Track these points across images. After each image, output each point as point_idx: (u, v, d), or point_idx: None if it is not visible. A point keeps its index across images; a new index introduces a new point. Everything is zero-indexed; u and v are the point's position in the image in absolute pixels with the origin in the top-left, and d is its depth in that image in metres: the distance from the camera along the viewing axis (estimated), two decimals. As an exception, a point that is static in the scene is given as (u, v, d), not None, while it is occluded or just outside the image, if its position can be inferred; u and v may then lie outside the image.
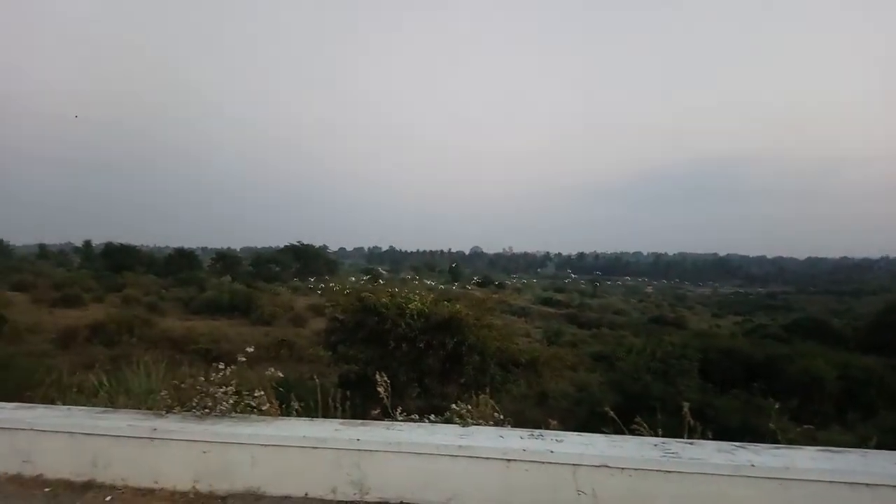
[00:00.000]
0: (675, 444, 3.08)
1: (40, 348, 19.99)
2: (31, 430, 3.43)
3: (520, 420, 3.87)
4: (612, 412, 3.75)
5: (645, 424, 3.64)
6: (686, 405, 3.71)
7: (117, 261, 54.14)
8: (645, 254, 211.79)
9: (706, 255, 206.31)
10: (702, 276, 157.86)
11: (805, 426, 4.80)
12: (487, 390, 4.95)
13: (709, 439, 3.35)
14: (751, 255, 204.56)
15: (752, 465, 2.74)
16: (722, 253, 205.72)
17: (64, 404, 4.37)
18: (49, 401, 4.59)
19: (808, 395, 15.76)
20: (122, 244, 59.78)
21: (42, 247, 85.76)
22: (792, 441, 3.54)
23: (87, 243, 72.61)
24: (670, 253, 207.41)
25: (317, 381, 4.49)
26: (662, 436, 3.40)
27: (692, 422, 3.61)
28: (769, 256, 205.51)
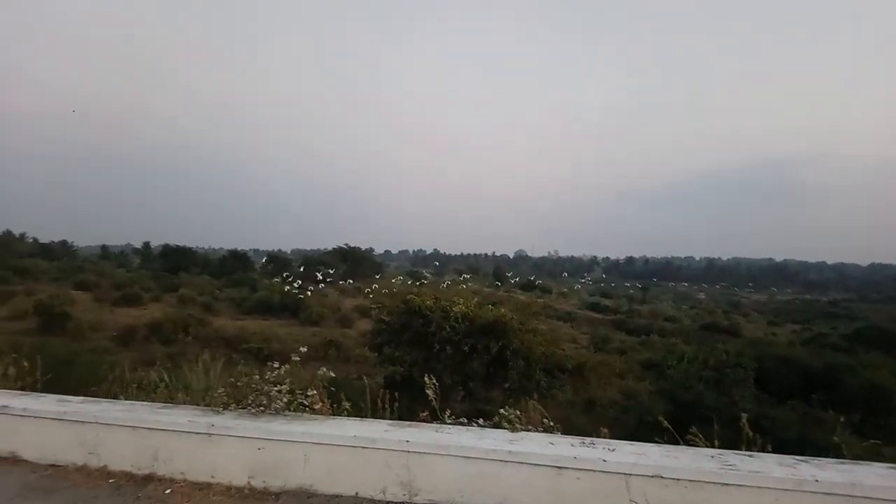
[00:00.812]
0: (732, 456, 2.97)
1: (102, 345, 20.96)
2: (97, 423, 3.60)
3: (566, 427, 3.82)
4: (665, 421, 3.63)
5: (700, 435, 3.53)
6: (744, 416, 3.58)
7: (174, 262, 56.29)
8: (697, 258, 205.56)
9: (762, 259, 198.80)
10: (757, 281, 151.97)
11: (870, 441, 4.55)
12: (535, 396, 4.89)
13: (768, 452, 3.22)
14: (810, 261, 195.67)
15: (817, 481, 2.62)
16: (779, 258, 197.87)
17: (126, 399, 4.57)
18: (112, 396, 4.81)
19: (871, 409, 14.96)
20: (178, 246, 62.16)
21: (104, 248, 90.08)
22: (857, 457, 3.36)
23: (146, 245, 75.81)
24: (724, 258, 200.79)
25: (365, 381, 4.55)
26: (719, 447, 3.30)
27: (750, 434, 3.48)
28: (829, 262, 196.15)
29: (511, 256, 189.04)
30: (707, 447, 3.32)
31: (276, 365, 3.70)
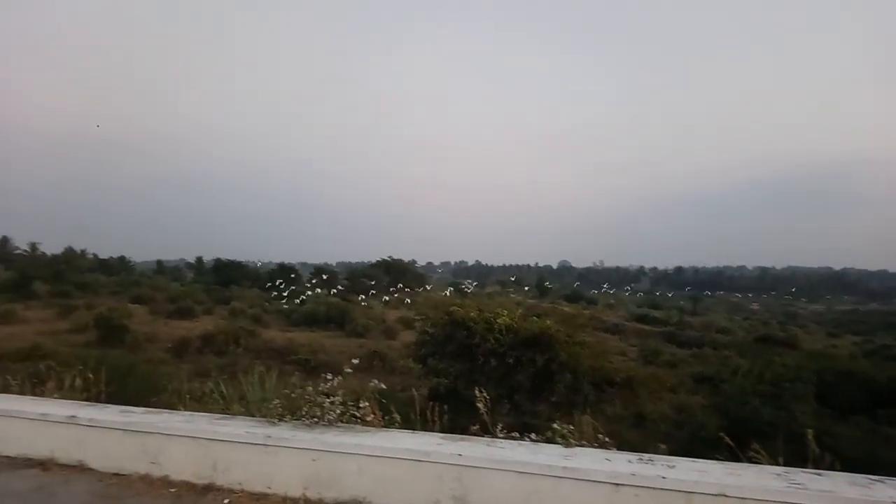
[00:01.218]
0: (800, 475, 2.83)
1: (157, 356, 21.74)
2: (159, 433, 3.73)
3: (615, 442, 3.73)
4: (726, 437, 3.50)
5: (763, 452, 3.39)
6: (810, 432, 3.41)
7: (225, 275, 58.15)
8: (750, 268, 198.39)
9: (819, 268, 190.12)
10: (814, 291, 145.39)
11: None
12: (588, 410, 4.80)
13: (836, 471, 3.06)
14: (870, 269, 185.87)
15: (894, 502, 2.47)
16: (837, 266, 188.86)
17: (184, 410, 4.72)
18: (171, 407, 4.98)
19: (942, 425, 14.07)
20: (230, 260, 64.24)
21: (159, 263, 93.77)
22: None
23: (199, 259, 78.70)
24: (778, 267, 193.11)
25: (415, 394, 4.57)
26: (783, 465, 3.16)
27: (817, 451, 3.31)
28: (891, 270, 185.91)
29: (554, 267, 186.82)
30: (771, 464, 3.18)
31: (329, 377, 3.75)
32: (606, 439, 3.44)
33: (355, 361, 3.92)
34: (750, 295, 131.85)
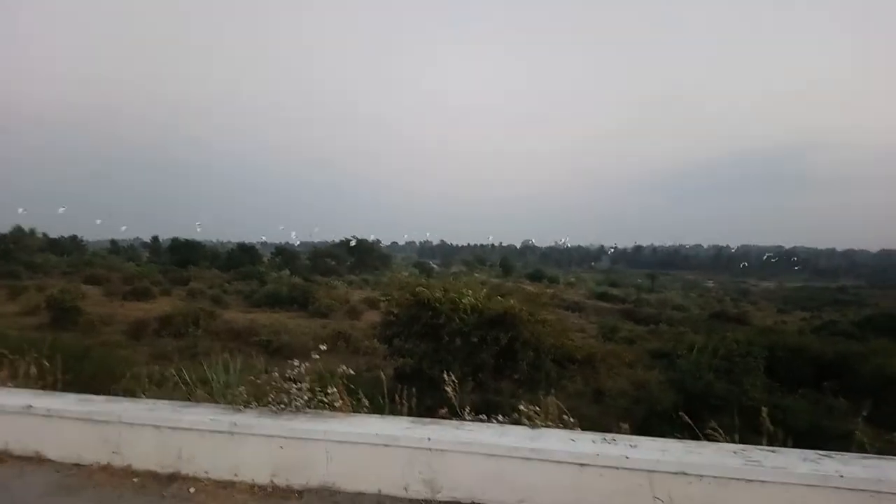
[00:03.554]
0: (756, 452, 2.96)
1: (113, 339, 21.14)
2: (120, 422, 3.63)
3: (576, 418, 3.82)
4: (685, 416, 3.63)
5: (720, 430, 3.52)
6: (765, 410, 3.56)
7: (183, 255, 56.75)
8: (705, 246, 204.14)
9: (770, 247, 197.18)
10: (766, 269, 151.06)
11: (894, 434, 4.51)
12: (551, 389, 4.90)
13: (788, 447, 3.21)
14: (819, 248, 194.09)
15: (841, 477, 2.62)
16: (787, 245, 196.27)
17: (145, 397, 4.61)
18: (131, 393, 4.85)
19: (883, 397, 14.92)
20: (187, 240, 62.57)
21: (113, 242, 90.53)
22: (879, 451, 3.35)
23: (155, 238, 76.43)
24: (732, 246, 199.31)
25: (382, 376, 4.57)
26: (739, 441, 3.30)
27: (771, 428, 3.47)
28: (839, 249, 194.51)
29: (518, 247, 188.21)
30: (727, 441, 3.32)
31: (297, 363, 3.72)
32: (571, 420, 3.52)
33: (323, 347, 3.88)
34: (705, 273, 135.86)
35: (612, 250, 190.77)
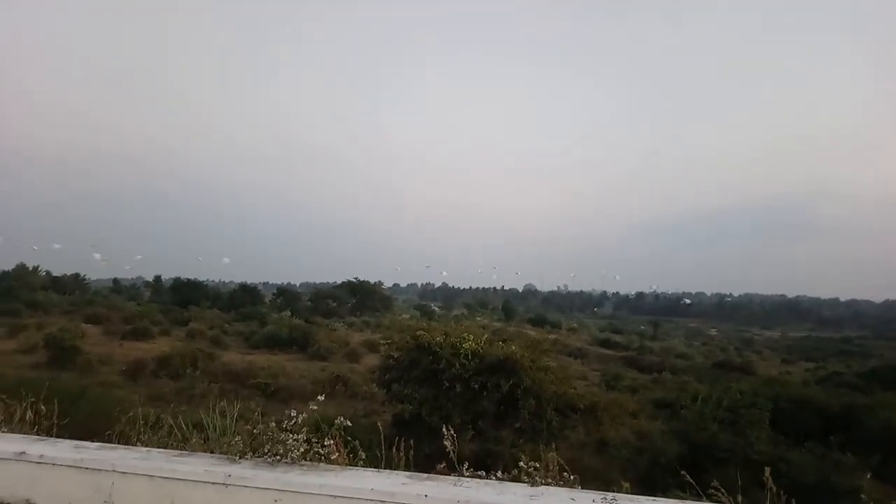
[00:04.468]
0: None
1: (111, 379, 20.94)
2: (114, 471, 3.58)
3: (578, 470, 3.75)
4: (686, 475, 3.56)
5: (723, 489, 3.46)
6: (767, 469, 3.49)
7: (184, 295, 56.68)
8: (708, 294, 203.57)
9: (774, 296, 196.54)
10: (769, 318, 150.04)
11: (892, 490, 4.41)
12: (552, 441, 4.83)
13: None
14: (822, 297, 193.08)
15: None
16: (791, 294, 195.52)
17: (139, 440, 4.55)
18: (125, 438, 4.79)
19: (891, 451, 14.63)
20: (189, 279, 62.68)
21: (116, 281, 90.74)
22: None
23: (157, 278, 76.40)
24: (735, 294, 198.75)
25: (380, 427, 4.51)
26: (743, 500, 3.22)
27: (774, 487, 3.40)
28: (842, 299, 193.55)
29: (520, 290, 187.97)
30: (730, 502, 3.25)
31: (293, 413, 3.68)
32: (571, 476, 3.46)
33: (321, 398, 3.86)
34: (708, 321, 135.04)
35: (615, 296, 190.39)
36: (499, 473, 3.42)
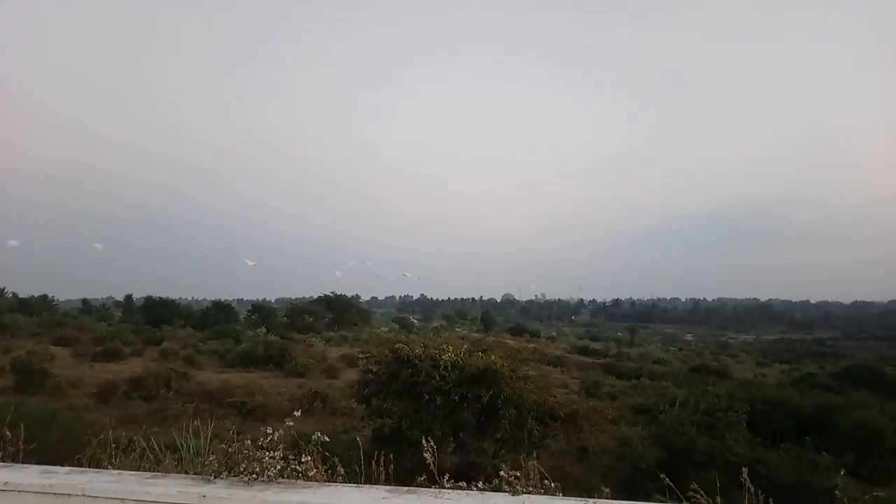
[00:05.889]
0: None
1: (81, 402, 20.34)
2: (84, 495, 3.45)
3: (560, 478, 3.74)
4: (666, 479, 3.58)
5: (702, 492, 3.48)
6: (745, 470, 3.53)
7: (156, 314, 55.44)
8: (683, 300, 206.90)
9: (746, 300, 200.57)
10: (743, 322, 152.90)
11: (873, 494, 4.50)
12: (533, 449, 4.82)
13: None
14: (794, 300, 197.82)
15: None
16: (763, 298, 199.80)
17: (110, 464, 4.41)
18: (96, 461, 4.64)
19: (865, 450, 14.96)
20: (161, 298, 61.38)
21: (85, 302, 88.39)
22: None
23: (128, 297, 74.65)
24: (709, 298, 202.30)
25: (359, 441, 4.45)
26: (722, 502, 3.25)
27: (752, 488, 3.43)
28: (813, 301, 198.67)
29: (498, 300, 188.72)
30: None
31: (269, 430, 3.60)
32: (553, 485, 3.44)
33: (297, 413, 3.78)
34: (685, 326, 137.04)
35: (592, 304, 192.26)
36: (480, 484, 3.39)
